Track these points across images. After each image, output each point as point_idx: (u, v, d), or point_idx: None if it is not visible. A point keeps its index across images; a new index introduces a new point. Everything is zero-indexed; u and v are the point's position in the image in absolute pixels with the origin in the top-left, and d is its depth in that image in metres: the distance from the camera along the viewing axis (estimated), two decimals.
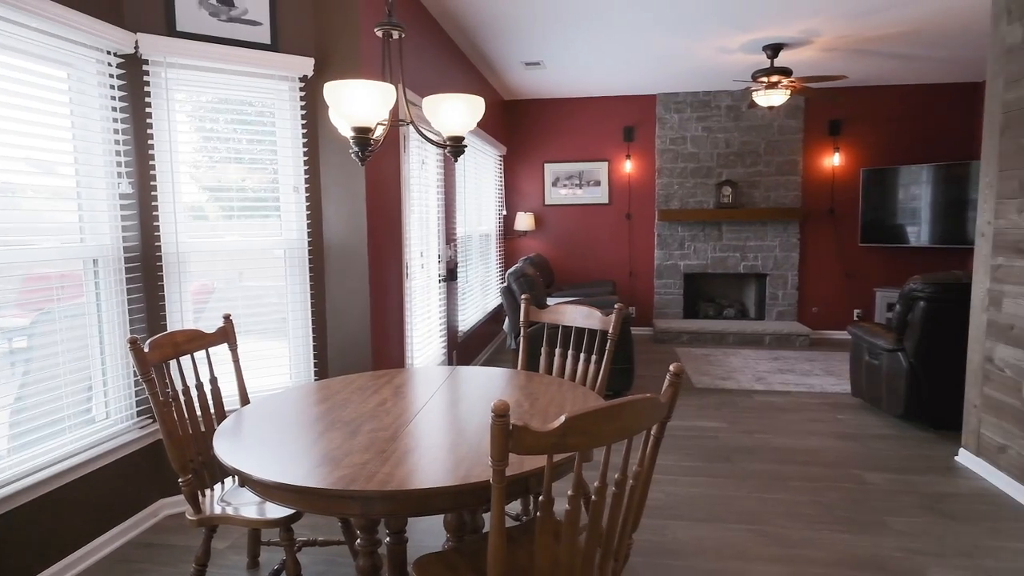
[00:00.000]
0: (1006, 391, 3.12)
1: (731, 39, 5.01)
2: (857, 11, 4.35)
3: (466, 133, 2.03)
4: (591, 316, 2.59)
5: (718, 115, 7.07)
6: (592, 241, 7.44)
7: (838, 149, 6.93)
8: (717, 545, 2.62)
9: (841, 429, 4.02)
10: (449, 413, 1.99)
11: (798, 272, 7.11)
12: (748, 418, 4.27)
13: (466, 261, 5.59)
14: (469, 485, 1.46)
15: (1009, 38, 3.12)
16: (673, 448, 3.73)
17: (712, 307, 7.46)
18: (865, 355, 4.33)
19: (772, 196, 7.06)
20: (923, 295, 3.78)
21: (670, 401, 1.44)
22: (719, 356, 6.21)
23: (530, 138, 7.44)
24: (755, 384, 5.15)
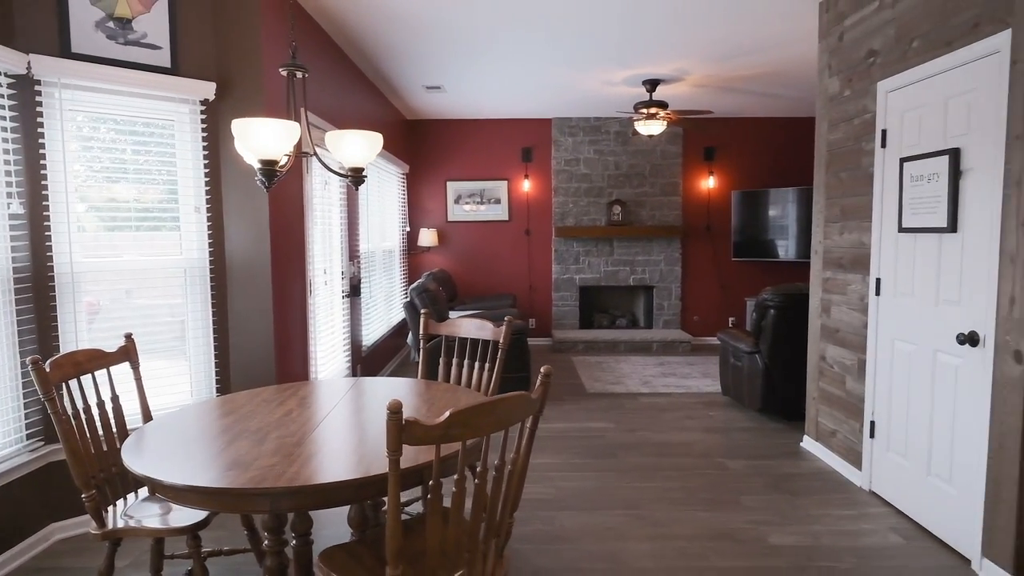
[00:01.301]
0: (835, 384, 3.70)
1: (614, 74, 5.51)
2: (718, 56, 4.95)
3: (366, 164, 2.24)
4: (483, 328, 2.86)
5: (608, 140, 7.63)
6: (493, 256, 7.76)
7: (712, 173, 7.68)
8: (599, 530, 2.95)
9: (711, 424, 4.53)
10: (352, 419, 2.18)
11: (681, 284, 7.77)
12: (633, 418, 4.70)
13: (370, 277, 5.72)
14: (369, 478, 1.67)
15: (830, 89, 3.74)
16: (564, 448, 4.06)
17: (606, 317, 7.99)
18: (731, 358, 4.89)
19: (657, 215, 7.70)
20: (773, 304, 4.36)
21: (541, 397, 1.72)
22: (611, 363, 6.68)
23: (433, 157, 7.68)
24: (641, 387, 5.63)
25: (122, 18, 2.95)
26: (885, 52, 3.19)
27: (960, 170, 2.67)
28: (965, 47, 2.61)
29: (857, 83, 3.45)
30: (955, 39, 2.69)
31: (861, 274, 3.43)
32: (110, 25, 2.91)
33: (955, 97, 2.70)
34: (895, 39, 3.10)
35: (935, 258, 2.83)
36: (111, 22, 2.92)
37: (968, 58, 2.60)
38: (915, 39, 2.95)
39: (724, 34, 4.41)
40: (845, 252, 3.59)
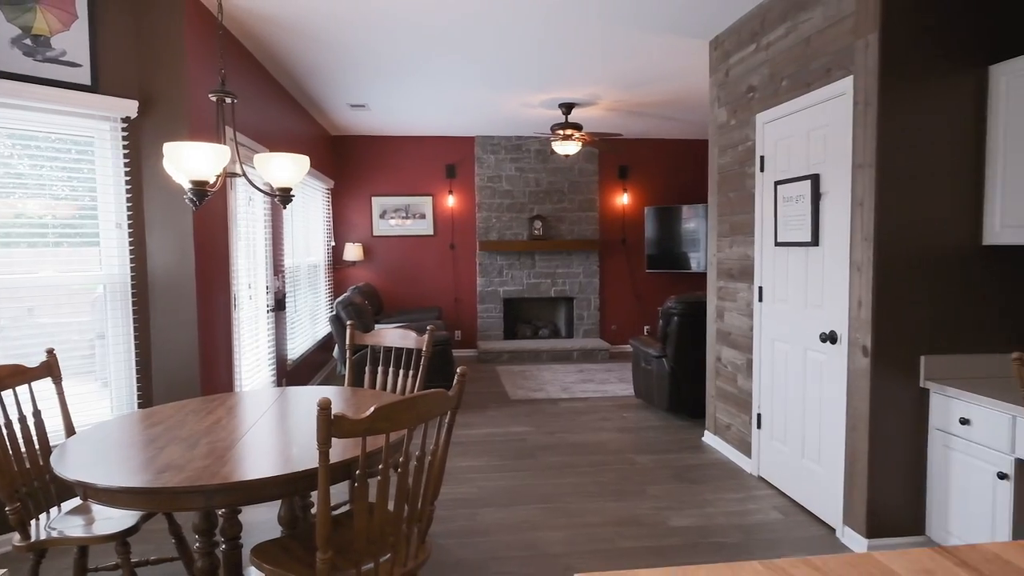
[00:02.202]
0: (729, 383, 4.11)
1: (532, 96, 5.84)
2: (626, 83, 5.37)
3: (294, 184, 2.40)
4: (407, 337, 3.04)
5: (529, 158, 7.98)
6: (419, 270, 7.91)
7: (626, 190, 8.17)
8: (517, 522, 3.18)
9: (623, 424, 4.87)
10: (281, 424, 2.32)
11: (599, 295, 8.19)
12: (552, 421, 4.98)
13: (295, 291, 5.76)
14: (300, 472, 1.83)
15: (719, 118, 4.18)
16: (487, 451, 4.28)
17: (529, 328, 8.29)
18: (642, 362, 5.27)
19: (576, 229, 8.10)
20: (676, 312, 4.77)
21: (457, 394, 1.94)
22: (534, 371, 6.97)
23: (358, 172, 7.77)
24: (561, 393, 5.93)
25: (40, 35, 2.97)
26: (761, 88, 3.64)
27: (820, 192, 3.11)
28: (820, 88, 3.06)
29: (741, 114, 3.90)
30: (813, 81, 3.14)
31: (747, 283, 3.86)
32: (27, 42, 2.92)
33: (815, 130, 3.15)
34: (769, 77, 3.56)
35: (803, 268, 3.26)
36: (28, 39, 2.93)
37: (823, 98, 3.04)
38: (784, 79, 3.41)
39: (630, 65, 4.82)
40: (734, 264, 4.02)
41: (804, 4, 3.19)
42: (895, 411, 2.75)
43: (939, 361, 2.73)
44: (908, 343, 2.74)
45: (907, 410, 2.76)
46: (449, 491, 3.59)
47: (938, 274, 2.74)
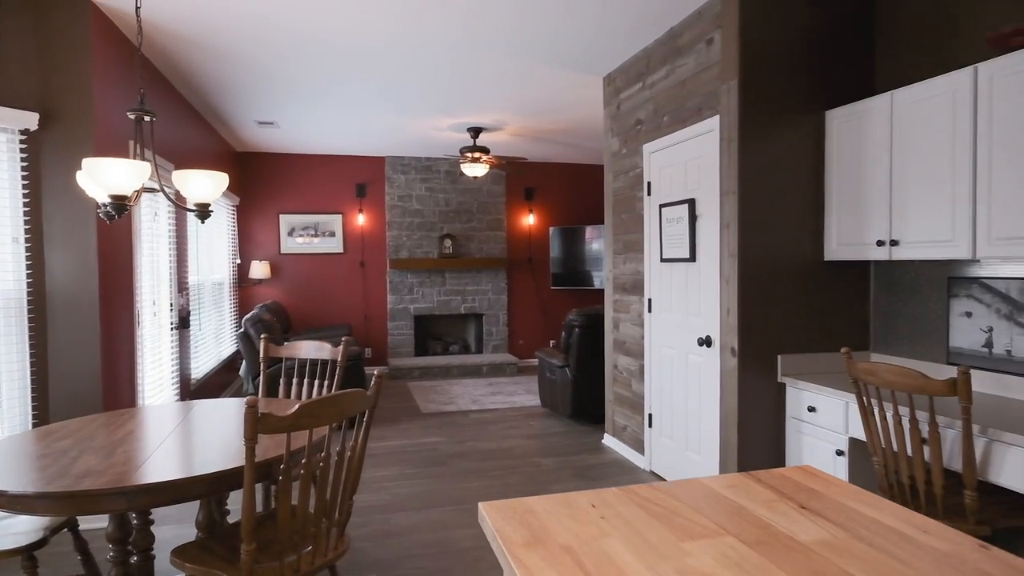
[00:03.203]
0: (624, 387, 4.49)
1: (441, 120, 6.10)
2: (530, 111, 5.75)
3: (212, 200, 2.50)
4: (322, 348, 3.16)
5: (439, 178, 8.21)
6: (329, 288, 7.89)
7: (532, 211, 8.58)
8: (429, 524, 3.34)
9: (530, 431, 5.15)
10: (199, 431, 2.39)
11: (507, 311, 8.50)
12: (463, 432, 5.17)
13: (199, 309, 5.63)
14: (224, 471, 1.93)
15: (613, 147, 4.62)
16: (400, 461, 4.40)
17: (439, 344, 8.46)
18: (547, 373, 5.59)
19: (484, 248, 8.39)
20: (578, 324, 5.13)
21: (375, 394, 2.11)
22: (445, 386, 7.13)
23: (265, 189, 7.68)
24: (471, 405, 6.14)
25: None
26: (647, 122, 4.08)
27: (696, 215, 3.55)
28: (694, 125, 3.51)
29: (631, 144, 4.33)
30: (688, 118, 3.60)
31: (639, 296, 4.26)
32: None
33: (691, 160, 3.60)
34: (653, 113, 4.00)
35: (684, 281, 3.69)
36: None
37: (696, 133, 3.50)
38: (665, 115, 3.86)
39: (534, 95, 5.19)
40: (628, 278, 4.42)
41: (680, 51, 3.66)
42: (758, 403, 3.19)
43: (792, 359, 3.20)
44: (768, 344, 3.20)
45: (768, 402, 3.20)
46: (363, 499, 3.70)
47: (790, 285, 3.23)
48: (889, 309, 3.24)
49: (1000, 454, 2.15)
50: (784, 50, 3.17)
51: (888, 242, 2.85)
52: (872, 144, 2.93)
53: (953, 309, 2.87)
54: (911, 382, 2.21)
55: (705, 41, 3.41)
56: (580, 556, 1.08)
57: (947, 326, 2.92)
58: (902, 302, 3.16)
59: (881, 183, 2.88)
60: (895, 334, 3.21)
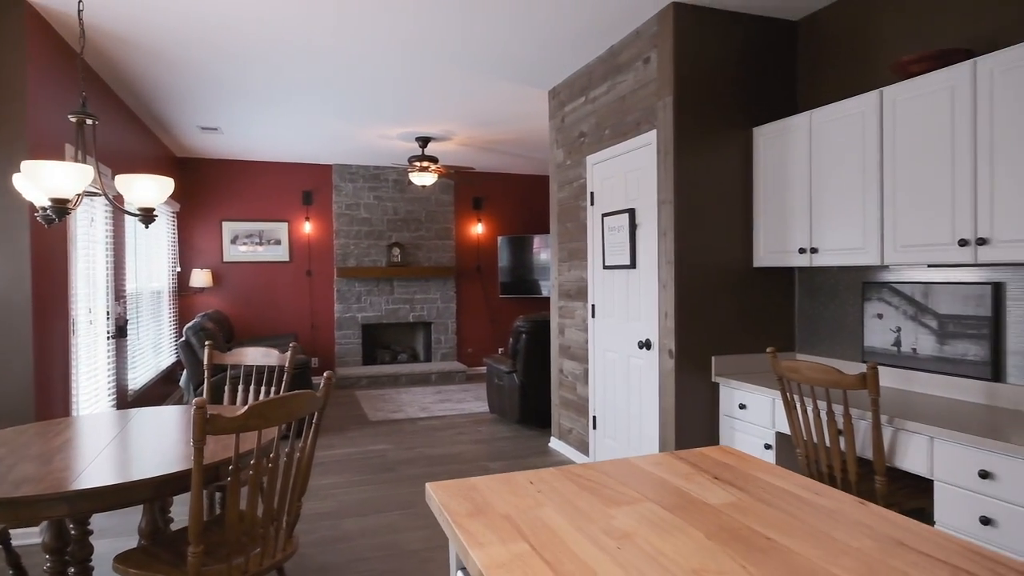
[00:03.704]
0: (570, 391, 4.62)
1: (390, 130, 6.14)
2: (478, 122, 5.86)
3: (156, 205, 2.48)
4: (269, 355, 3.16)
5: (387, 187, 8.22)
6: (274, 296, 7.77)
7: (480, 220, 8.68)
8: (378, 528, 3.37)
9: (479, 437, 5.21)
10: (141, 437, 2.36)
11: (456, 319, 8.55)
12: (411, 439, 5.19)
13: (137, 318, 5.47)
14: (170, 474, 1.94)
15: (557, 158, 4.77)
16: (347, 469, 4.39)
17: (388, 353, 8.43)
18: (495, 379, 5.67)
19: (433, 256, 8.43)
20: (525, 330, 5.25)
21: (325, 395, 2.15)
22: (393, 394, 7.12)
23: (207, 196, 7.52)
24: (420, 413, 6.15)
25: None
26: (590, 134, 4.25)
27: (636, 223, 3.72)
28: (633, 138, 3.69)
29: (575, 155, 4.49)
30: (628, 131, 3.78)
31: (583, 302, 4.41)
32: None
33: (631, 171, 3.78)
34: (596, 126, 4.17)
35: (625, 287, 3.85)
36: None
37: (635, 146, 3.68)
38: (607, 128, 4.03)
39: (481, 106, 5.30)
40: (572, 285, 4.57)
41: (620, 68, 3.84)
42: (694, 402, 3.36)
43: (725, 360, 3.40)
44: (703, 346, 3.38)
45: (703, 400, 3.38)
46: (310, 506, 3.68)
47: (723, 290, 3.43)
48: (812, 312, 3.48)
49: (904, 442, 2.36)
50: (716, 70, 3.39)
51: (809, 250, 3.08)
52: (794, 159, 3.16)
53: (867, 311, 3.12)
54: (827, 377, 2.41)
55: (643, 60, 3.59)
56: (518, 522, 1.18)
57: (862, 327, 3.16)
58: (823, 305, 3.41)
59: (802, 195, 3.12)
60: (818, 335, 3.45)
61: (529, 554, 1.05)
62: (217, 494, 2.92)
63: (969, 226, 2.35)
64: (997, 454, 2.04)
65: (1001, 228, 2.25)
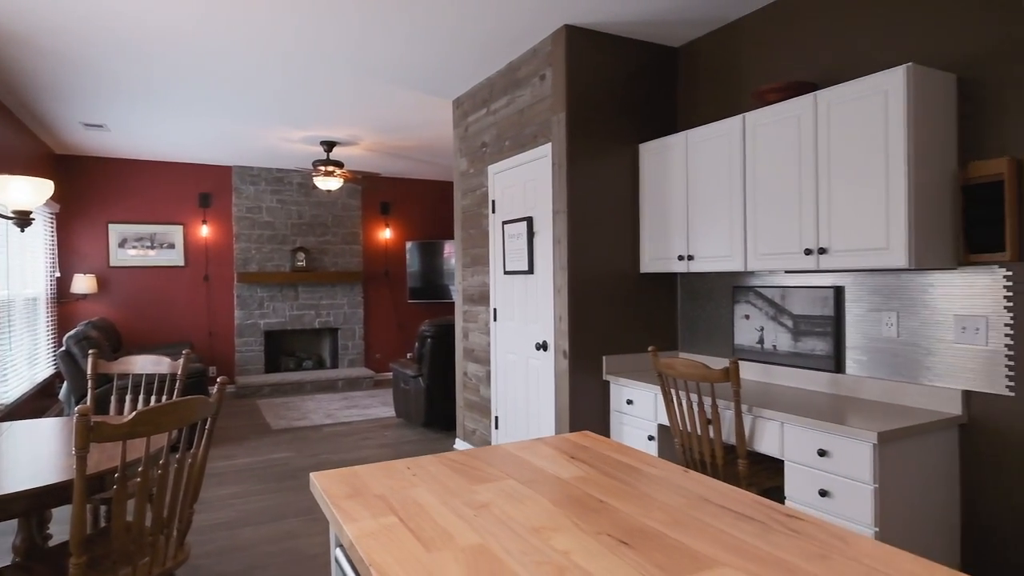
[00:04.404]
0: (474, 393, 4.76)
1: (293, 132, 6.04)
2: (383, 128, 5.89)
3: (34, 208, 2.38)
4: (160, 363, 3.07)
5: (291, 190, 8.04)
6: (167, 303, 7.40)
7: (388, 225, 8.67)
8: (277, 535, 3.34)
9: (384, 441, 5.24)
10: (14, 450, 2.26)
11: (364, 325, 8.48)
12: (315, 446, 5.14)
13: (9, 328, 5.07)
14: (48, 486, 1.89)
15: (461, 166, 4.91)
16: (247, 479, 4.30)
17: (292, 360, 8.23)
18: (401, 384, 5.71)
19: (340, 261, 8.33)
20: (430, 334, 5.33)
21: (218, 401, 2.16)
22: (297, 402, 6.97)
23: (91, 196, 7.06)
24: (325, 420, 6.08)
25: None
26: (492, 145, 4.42)
27: (533, 231, 3.92)
28: (531, 150, 3.89)
29: (477, 164, 4.64)
30: (526, 143, 3.97)
31: (485, 306, 4.56)
32: None
33: (529, 181, 3.97)
34: (497, 137, 4.34)
35: (523, 292, 4.04)
36: None
37: (533, 157, 3.87)
38: (507, 140, 4.21)
39: (386, 113, 5.35)
40: (476, 290, 4.71)
41: (519, 83, 4.03)
42: (587, 399, 3.59)
43: (615, 359, 3.65)
44: (594, 347, 3.61)
45: (595, 398, 3.61)
46: (206, 517, 3.59)
47: (613, 294, 3.68)
48: (692, 314, 3.80)
49: (761, 428, 2.67)
50: (606, 89, 3.64)
51: (687, 257, 3.38)
52: (673, 174, 3.46)
53: (736, 313, 3.46)
54: (697, 372, 2.67)
55: (539, 76, 3.80)
56: (391, 500, 1.32)
57: (732, 327, 3.50)
58: (701, 307, 3.73)
59: (680, 207, 3.41)
60: (697, 335, 3.77)
61: (397, 525, 1.18)
62: (103, 507, 2.82)
63: (812, 237, 2.70)
64: (831, 435, 2.36)
65: (837, 239, 2.60)
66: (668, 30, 3.63)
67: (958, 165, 2.49)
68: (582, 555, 1.08)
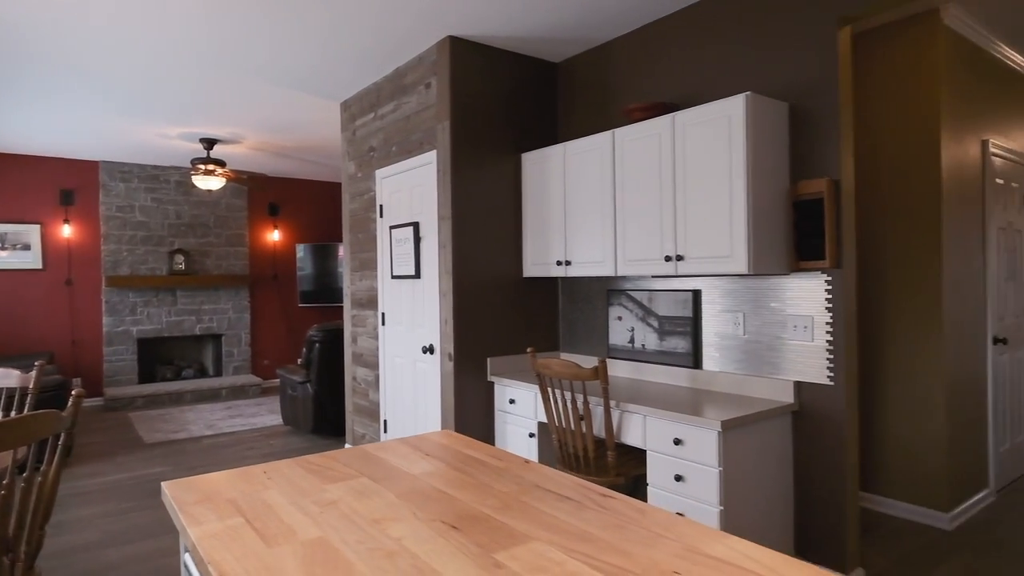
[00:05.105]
0: (363, 398, 4.73)
1: (170, 128, 5.72)
2: (269, 128, 5.71)
3: None
4: (8, 376, 2.84)
5: (168, 188, 7.57)
6: (22, 310, 6.74)
7: (277, 227, 8.37)
8: (147, 554, 3.18)
9: (270, 451, 5.08)
10: None
11: (250, 330, 8.14)
12: (193, 458, 4.89)
13: None
14: None
15: (349, 170, 4.87)
16: (115, 496, 4.04)
17: (170, 369, 7.74)
18: (289, 390, 5.56)
19: (224, 264, 7.94)
20: (318, 339, 5.24)
21: (72, 415, 2.05)
22: (175, 414, 6.59)
23: None
24: (206, 431, 5.80)
25: None
26: (379, 149, 4.43)
27: (420, 236, 3.97)
28: (417, 156, 3.95)
29: (365, 168, 4.63)
30: (413, 150, 4.02)
31: (374, 310, 4.56)
32: None
33: (415, 187, 4.02)
34: (384, 141, 4.36)
35: (411, 296, 4.08)
36: None
37: (419, 163, 3.93)
38: (394, 145, 4.24)
39: (272, 113, 5.19)
40: (364, 294, 4.69)
41: (406, 89, 4.07)
42: (472, 400, 3.69)
43: (499, 361, 3.78)
44: (479, 349, 3.73)
45: (481, 399, 3.72)
46: (66, 540, 3.34)
47: (497, 298, 3.81)
48: (572, 316, 4.01)
49: (628, 421, 2.89)
50: (490, 99, 3.77)
51: (565, 262, 3.57)
52: (552, 184, 3.65)
53: (611, 315, 3.69)
54: (569, 371, 2.85)
55: (425, 84, 3.87)
56: (240, 503, 1.36)
57: (607, 328, 3.74)
58: (580, 310, 3.95)
59: (559, 215, 3.60)
60: (576, 336, 3.98)
61: (242, 525, 1.22)
62: None
63: (672, 245, 2.95)
64: (685, 425, 2.61)
65: (692, 247, 2.86)
66: (548, 47, 3.82)
67: (790, 183, 2.83)
68: (413, 540, 1.18)
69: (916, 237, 3.50)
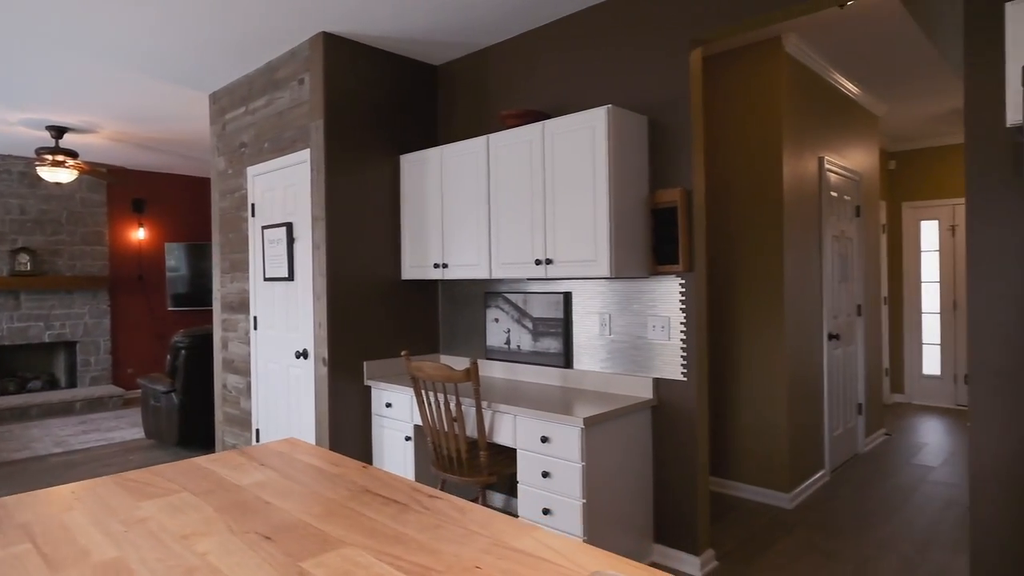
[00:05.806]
0: (234, 406, 4.49)
1: (8, 114, 5.13)
2: (128, 117, 5.28)
3: None
4: None
5: (10, 180, 6.79)
6: None
7: (143, 224, 7.75)
8: None
9: (127, 467, 4.69)
10: None
11: (111, 337, 7.47)
12: (37, 480, 4.42)
13: None
14: None
15: (219, 166, 4.61)
16: None
17: (13, 381, 6.95)
18: (151, 401, 5.17)
19: (78, 265, 7.23)
20: (184, 345, 4.91)
21: None
22: (18, 430, 5.92)
23: None
24: (54, 448, 5.25)
25: None
26: (251, 146, 4.22)
27: (293, 237, 3.84)
28: (290, 154, 3.81)
29: (236, 165, 4.40)
30: (286, 147, 3.88)
31: (245, 314, 4.34)
32: None
33: (289, 186, 3.88)
34: (256, 138, 4.17)
35: (284, 299, 3.93)
36: None
37: (293, 162, 3.80)
38: (266, 141, 4.06)
39: (133, 102, 4.80)
40: (235, 297, 4.46)
41: (278, 84, 3.92)
42: (348, 405, 3.61)
43: (377, 364, 3.72)
44: (355, 353, 3.65)
45: (356, 403, 3.65)
46: None
47: (374, 300, 3.75)
48: (451, 318, 4.03)
49: (499, 421, 2.94)
50: (367, 99, 3.71)
51: (442, 265, 3.58)
52: (430, 186, 3.65)
53: (488, 317, 3.75)
54: (441, 374, 2.86)
55: (298, 80, 3.74)
56: (32, 528, 1.30)
57: (484, 330, 3.80)
58: (459, 312, 3.98)
59: (436, 217, 3.61)
60: (456, 338, 4.01)
61: (28, 552, 1.15)
62: None
63: (542, 249, 3.05)
64: (551, 423, 2.70)
65: (561, 251, 2.97)
66: (426, 49, 3.82)
67: (649, 191, 3.02)
68: (219, 554, 1.15)
69: (761, 243, 3.85)
